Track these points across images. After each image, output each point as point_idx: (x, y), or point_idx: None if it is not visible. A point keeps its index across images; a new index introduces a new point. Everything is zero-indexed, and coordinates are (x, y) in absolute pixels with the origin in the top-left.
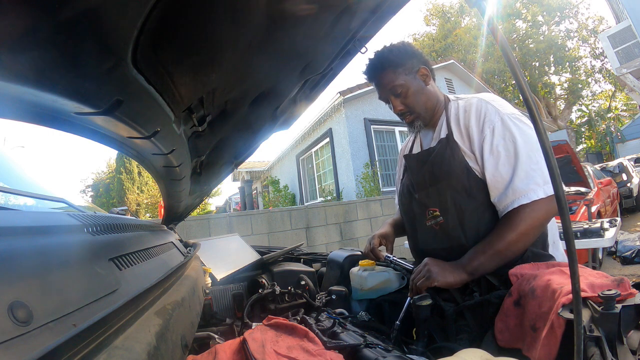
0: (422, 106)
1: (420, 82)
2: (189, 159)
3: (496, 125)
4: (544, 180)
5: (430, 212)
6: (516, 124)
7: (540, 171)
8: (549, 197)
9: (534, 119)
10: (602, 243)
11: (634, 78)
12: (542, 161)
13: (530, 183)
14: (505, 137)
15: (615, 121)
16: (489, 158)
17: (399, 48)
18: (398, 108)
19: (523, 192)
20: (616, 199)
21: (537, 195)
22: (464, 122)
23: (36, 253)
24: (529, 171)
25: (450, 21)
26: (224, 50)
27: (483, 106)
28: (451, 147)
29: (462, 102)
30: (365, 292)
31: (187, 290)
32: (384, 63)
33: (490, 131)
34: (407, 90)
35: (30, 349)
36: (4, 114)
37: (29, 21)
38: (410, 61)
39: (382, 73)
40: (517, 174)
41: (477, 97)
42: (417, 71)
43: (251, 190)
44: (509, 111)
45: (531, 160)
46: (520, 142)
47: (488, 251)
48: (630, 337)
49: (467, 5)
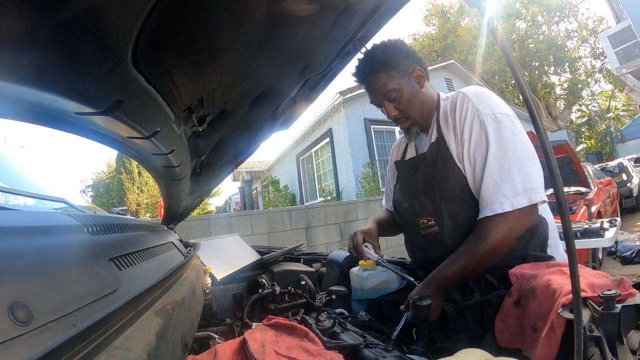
0: (417, 111)
1: (414, 84)
2: (189, 159)
3: (474, 129)
4: (513, 192)
5: (425, 222)
6: (494, 126)
7: (511, 182)
8: (517, 210)
9: (534, 119)
10: (602, 243)
11: (634, 78)
12: (516, 169)
13: (497, 194)
14: (480, 142)
15: (615, 121)
16: (468, 166)
17: (392, 47)
18: (392, 114)
19: (489, 204)
20: (616, 199)
21: (503, 208)
22: (452, 120)
23: (36, 253)
24: (497, 181)
25: (450, 21)
26: (224, 50)
27: (465, 104)
28: (442, 153)
29: (450, 99)
30: (365, 292)
31: (187, 290)
32: (375, 64)
33: (469, 135)
34: (401, 94)
35: (30, 349)
36: (4, 114)
37: (29, 21)
38: (404, 62)
39: (374, 75)
40: (485, 183)
41: (461, 91)
42: (412, 73)
43: (251, 190)
44: (490, 110)
45: (502, 169)
46: (493, 148)
47: (455, 266)
48: (630, 337)
49: (467, 5)
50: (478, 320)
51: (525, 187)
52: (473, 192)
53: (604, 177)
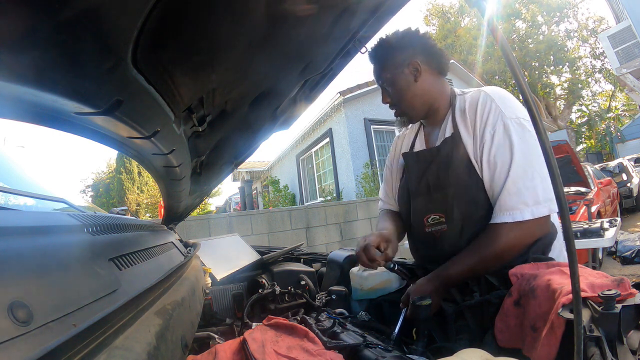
0: (407, 103)
1: (408, 77)
2: (189, 159)
3: (497, 131)
4: (534, 201)
5: (435, 218)
6: (518, 131)
7: (534, 190)
8: (536, 219)
9: (534, 119)
10: (602, 243)
11: (634, 78)
12: (539, 178)
13: (518, 202)
14: (504, 145)
15: (615, 121)
16: (486, 168)
17: (396, 37)
18: (384, 101)
19: (508, 210)
20: (616, 199)
21: (523, 216)
22: (470, 117)
23: (36, 253)
24: (520, 188)
25: (450, 21)
26: (224, 50)
27: (487, 104)
28: (458, 149)
29: (469, 95)
30: (365, 292)
31: (187, 290)
32: (377, 52)
33: (490, 137)
34: (392, 85)
35: (30, 349)
36: (4, 114)
37: (29, 21)
38: (402, 54)
39: (374, 62)
40: (507, 188)
41: (484, 90)
42: (408, 65)
43: (251, 190)
44: (514, 114)
45: (526, 176)
46: (519, 154)
47: (461, 266)
48: (630, 337)
49: (467, 5)
50: (478, 320)
51: (546, 197)
52: (488, 194)
53: (604, 177)
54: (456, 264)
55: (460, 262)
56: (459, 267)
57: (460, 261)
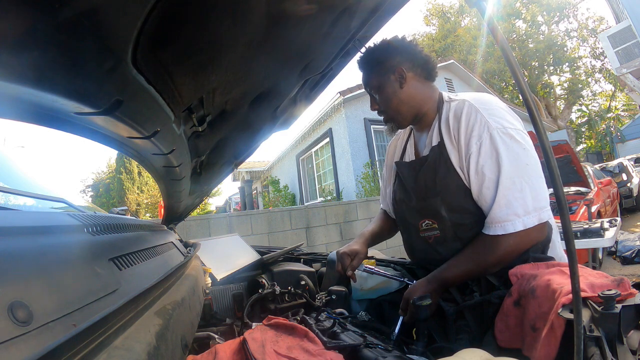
0: (393, 110)
1: (394, 84)
2: (189, 159)
3: (483, 142)
4: (524, 211)
5: (429, 223)
6: (505, 141)
7: (523, 200)
8: (527, 229)
9: (534, 119)
10: (602, 243)
11: (634, 78)
12: (528, 188)
13: (509, 213)
14: (491, 157)
15: (615, 121)
16: (474, 179)
17: (382, 45)
18: (373, 107)
19: (500, 222)
20: (616, 199)
21: (515, 227)
22: (454, 129)
23: (36, 253)
24: (510, 199)
25: (450, 21)
26: (224, 50)
27: (472, 116)
28: (444, 159)
29: (454, 104)
30: (365, 292)
31: (187, 290)
32: (365, 60)
33: (477, 148)
34: (379, 92)
35: (30, 349)
36: (4, 114)
37: (29, 21)
38: (388, 61)
39: (362, 69)
40: (497, 202)
41: (468, 100)
42: (394, 72)
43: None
44: (499, 124)
45: (514, 187)
46: (506, 165)
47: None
48: (630, 337)
49: (467, 5)
50: (478, 320)
51: (535, 206)
52: (477, 202)
53: (604, 177)
54: (453, 267)
55: (457, 265)
56: (456, 271)
57: (458, 265)
